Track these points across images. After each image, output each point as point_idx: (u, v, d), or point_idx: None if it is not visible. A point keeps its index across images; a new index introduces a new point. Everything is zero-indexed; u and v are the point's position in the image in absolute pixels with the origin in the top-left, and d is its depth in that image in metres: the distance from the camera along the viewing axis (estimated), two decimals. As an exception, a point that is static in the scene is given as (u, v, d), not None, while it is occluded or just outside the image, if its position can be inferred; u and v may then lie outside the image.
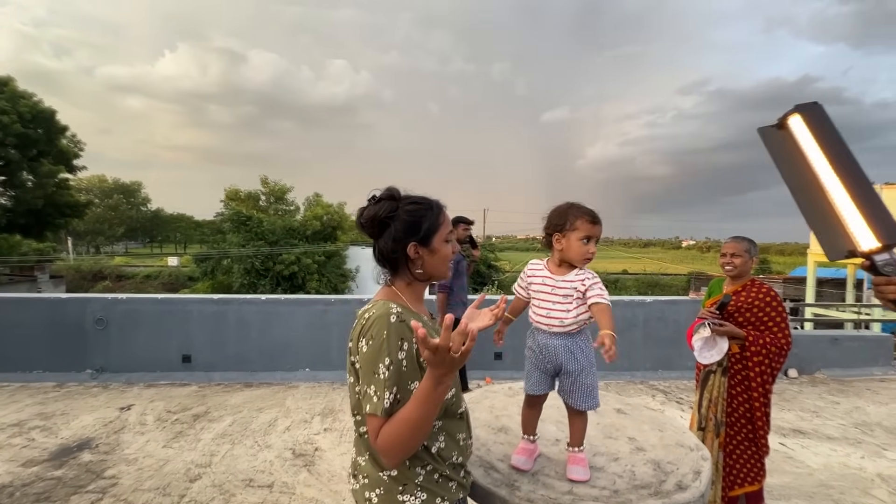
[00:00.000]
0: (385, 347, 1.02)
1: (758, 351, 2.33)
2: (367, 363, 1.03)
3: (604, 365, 5.40)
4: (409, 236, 1.12)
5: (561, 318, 1.40)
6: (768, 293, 2.41)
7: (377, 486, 1.08)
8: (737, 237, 2.58)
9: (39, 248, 33.20)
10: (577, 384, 1.42)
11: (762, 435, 2.41)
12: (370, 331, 1.05)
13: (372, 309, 1.09)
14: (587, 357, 1.42)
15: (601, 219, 1.43)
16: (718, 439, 2.48)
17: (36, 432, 3.53)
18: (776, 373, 2.41)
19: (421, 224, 1.13)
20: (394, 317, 1.05)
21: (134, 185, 69.78)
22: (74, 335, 4.81)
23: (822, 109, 1.17)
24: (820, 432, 3.81)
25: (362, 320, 1.09)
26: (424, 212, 1.15)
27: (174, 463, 3.10)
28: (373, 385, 1.01)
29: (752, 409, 2.42)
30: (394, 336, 1.03)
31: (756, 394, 2.38)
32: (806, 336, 5.63)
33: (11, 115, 17.51)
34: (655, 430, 1.73)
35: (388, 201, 1.13)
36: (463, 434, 1.20)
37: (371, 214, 1.13)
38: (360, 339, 1.06)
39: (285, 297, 5.12)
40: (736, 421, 2.47)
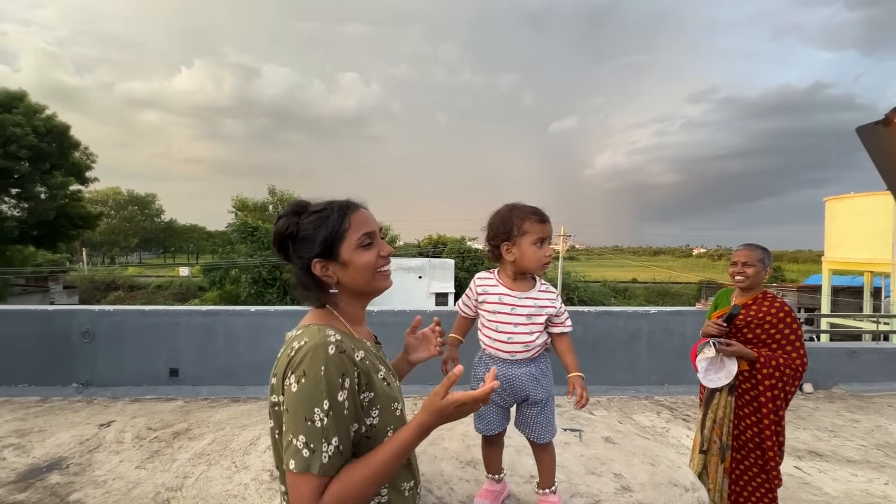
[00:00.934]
0: (323, 387, 0.83)
1: (770, 373, 2.11)
2: (297, 407, 0.84)
3: (607, 379, 5.08)
4: (308, 253, 0.96)
5: (526, 343, 1.21)
6: (782, 308, 2.19)
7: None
8: (749, 245, 2.36)
9: (54, 259, 33.74)
10: (542, 415, 1.23)
11: (774, 465, 2.18)
12: (301, 365, 0.85)
13: (303, 337, 0.90)
14: (550, 382, 1.24)
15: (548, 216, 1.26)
16: (723, 464, 2.26)
17: (9, 451, 3.40)
18: (790, 396, 2.19)
19: (315, 236, 0.95)
20: (332, 347, 0.87)
21: (148, 196, 71.00)
22: (61, 348, 4.71)
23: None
24: (839, 454, 3.53)
25: (290, 350, 0.89)
26: (322, 221, 0.96)
27: (144, 486, 2.94)
28: (303, 435, 0.82)
29: (762, 434, 2.19)
30: (333, 372, 0.85)
31: (767, 420, 2.16)
32: (822, 348, 5.33)
33: (25, 128, 17.87)
34: (647, 464, 1.53)
35: (286, 217, 0.97)
36: (409, 483, 1.01)
37: (272, 235, 0.99)
38: (289, 376, 0.86)
39: (275, 309, 4.98)
40: (743, 445, 2.24)
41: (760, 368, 2.14)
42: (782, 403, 2.14)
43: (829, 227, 14.98)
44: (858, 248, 13.89)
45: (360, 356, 0.92)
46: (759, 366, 2.15)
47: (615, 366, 5.03)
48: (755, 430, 2.21)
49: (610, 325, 5.07)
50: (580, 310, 5.18)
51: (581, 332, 5.05)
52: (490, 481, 1.31)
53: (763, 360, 2.14)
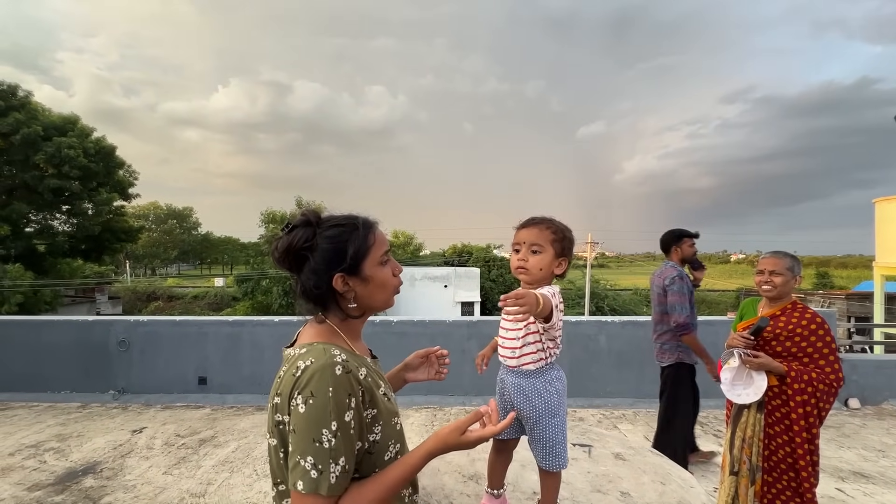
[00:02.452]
0: (331, 409, 0.83)
1: (802, 388, 1.98)
2: (305, 428, 0.84)
3: (634, 392, 4.94)
4: (332, 267, 0.94)
5: (511, 348, 1.19)
6: (813, 319, 2.06)
7: None
8: (777, 252, 2.24)
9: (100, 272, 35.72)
10: (534, 435, 1.19)
11: (808, 487, 2.04)
12: (309, 386, 0.85)
13: (308, 356, 0.88)
14: (546, 404, 1.17)
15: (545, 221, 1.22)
16: (754, 487, 2.13)
17: (49, 454, 3.60)
18: (824, 414, 2.05)
19: (345, 250, 0.95)
20: (339, 368, 0.87)
21: (186, 210, 74.36)
22: (100, 357, 4.97)
23: None
24: (887, 476, 3.28)
25: (294, 369, 0.88)
26: (348, 235, 0.96)
27: (170, 491, 3.04)
28: (311, 456, 0.82)
29: (794, 454, 2.05)
30: (341, 393, 0.85)
31: (799, 438, 2.02)
32: (870, 361, 4.98)
33: (78, 150, 19.18)
34: (657, 482, 1.47)
35: (302, 228, 0.96)
36: (407, 491, 1.02)
37: (284, 246, 0.95)
38: (295, 396, 0.85)
39: (298, 319, 5.06)
40: (775, 467, 2.11)
41: (791, 384, 2.02)
42: (816, 421, 2.01)
43: (880, 230, 14.04)
44: (904, 253, 12.98)
45: (364, 374, 0.92)
46: (790, 381, 2.02)
47: (643, 378, 4.86)
48: (787, 449, 2.08)
49: (635, 336, 4.91)
50: (603, 319, 5.05)
51: (605, 342, 4.92)
52: (489, 496, 1.29)
53: (794, 375, 2.01)
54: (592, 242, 29.99)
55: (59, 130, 19.48)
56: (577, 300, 29.73)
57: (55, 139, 18.55)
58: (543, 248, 1.19)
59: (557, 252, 1.20)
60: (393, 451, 0.96)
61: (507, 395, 1.21)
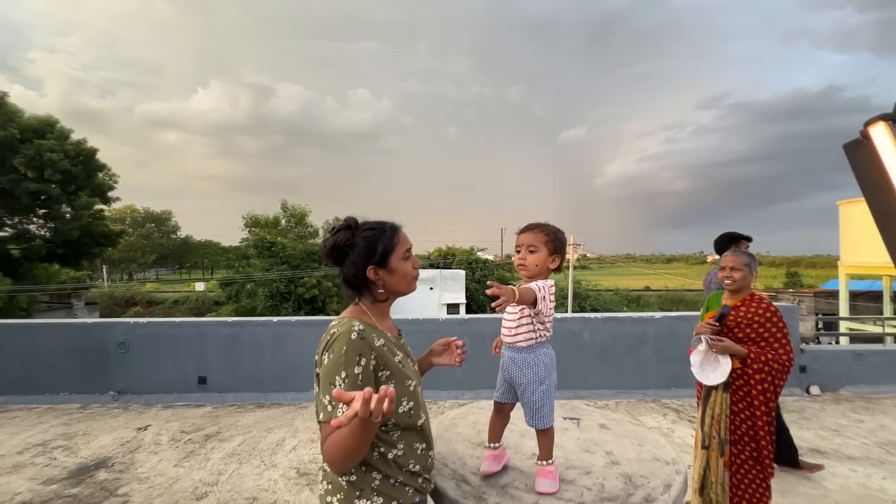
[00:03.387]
0: (342, 362, 1.10)
1: (760, 368, 2.29)
2: (325, 375, 1.12)
3: (615, 384, 5.28)
4: (366, 260, 1.22)
5: (509, 328, 1.46)
6: (768, 308, 2.38)
7: (338, 491, 1.16)
8: (736, 251, 2.57)
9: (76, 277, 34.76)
10: (524, 399, 1.46)
11: (767, 455, 2.35)
12: (332, 346, 1.14)
13: (337, 326, 1.18)
14: (534, 373, 1.44)
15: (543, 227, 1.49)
16: (723, 458, 2.42)
17: (58, 452, 3.70)
18: (779, 390, 2.36)
19: (375, 248, 1.23)
20: (354, 334, 1.14)
21: (164, 213, 72.77)
22: (99, 359, 5.04)
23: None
24: (840, 452, 3.64)
25: (327, 335, 1.18)
26: (379, 235, 1.24)
27: (183, 481, 3.21)
28: (327, 395, 1.10)
29: (755, 427, 2.36)
30: (352, 352, 1.12)
31: (759, 412, 2.33)
32: (827, 351, 5.42)
33: (58, 153, 18.78)
34: (635, 444, 1.74)
35: (344, 231, 1.24)
36: (422, 445, 1.27)
37: (331, 244, 1.24)
38: (325, 352, 1.14)
39: (296, 319, 5.26)
40: (739, 439, 2.40)
41: (751, 364, 2.32)
42: (772, 396, 2.31)
43: (844, 231, 14.83)
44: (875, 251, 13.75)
45: (381, 343, 1.19)
46: (750, 361, 2.33)
47: (623, 370, 5.19)
48: (749, 423, 2.37)
49: (617, 331, 5.24)
50: (587, 316, 5.37)
51: (588, 337, 5.23)
52: (489, 450, 1.54)
53: (753, 357, 2.32)
54: (575, 244, 30.61)
55: (36, 133, 19.05)
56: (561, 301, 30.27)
57: (34, 142, 18.13)
58: (538, 248, 1.46)
59: (550, 250, 1.47)
60: (406, 406, 1.22)
61: (506, 365, 1.48)
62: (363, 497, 1.15)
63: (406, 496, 1.20)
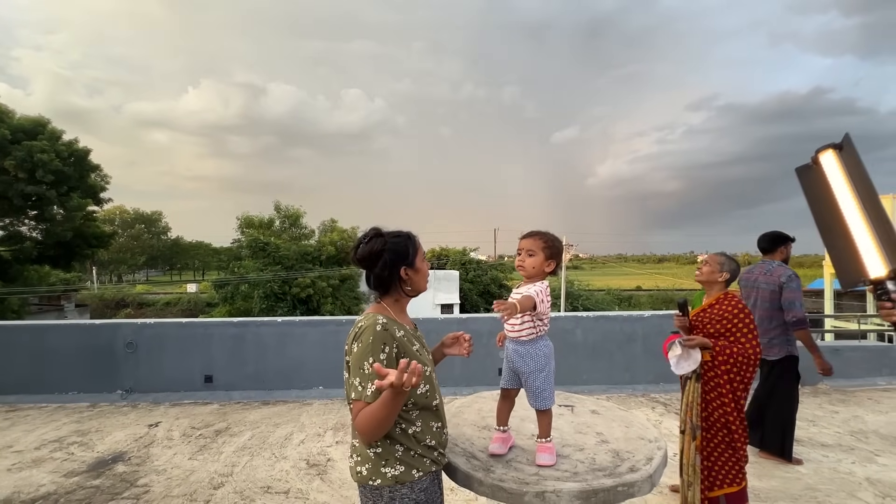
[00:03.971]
0: (370, 350, 1.33)
1: (725, 360, 2.52)
2: (355, 360, 1.34)
3: (606, 379, 5.54)
4: (401, 262, 1.45)
5: (513, 325, 1.67)
6: (736, 305, 2.62)
7: (366, 461, 1.38)
8: (718, 252, 2.82)
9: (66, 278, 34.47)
10: (527, 385, 1.68)
11: (738, 437, 2.57)
12: (361, 336, 1.36)
13: (364, 320, 1.40)
14: (536, 362, 1.66)
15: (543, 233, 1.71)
16: (695, 442, 2.66)
17: (74, 447, 3.85)
18: (746, 382, 2.57)
19: (407, 251, 1.46)
20: (379, 326, 1.36)
21: (154, 214, 72.18)
22: (107, 358, 5.18)
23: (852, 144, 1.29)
24: (815, 440, 3.91)
25: (356, 328, 1.40)
26: (406, 241, 1.47)
27: (199, 473, 3.38)
28: (358, 377, 1.32)
29: (726, 414, 2.58)
30: (378, 341, 1.34)
31: (727, 399, 2.56)
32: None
33: (50, 153, 18.68)
34: (622, 426, 1.96)
35: (377, 238, 1.45)
36: (437, 423, 1.49)
37: (367, 251, 1.43)
38: (354, 342, 1.37)
39: (300, 319, 5.44)
40: (712, 426, 2.63)
41: (717, 356, 2.56)
42: (740, 386, 2.54)
43: (827, 232, 15.32)
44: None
45: (401, 334, 1.41)
46: (716, 354, 2.56)
47: (613, 366, 5.44)
48: (721, 411, 2.59)
49: (607, 329, 5.49)
50: (579, 315, 5.61)
51: (581, 335, 5.46)
52: (498, 432, 1.75)
53: (719, 350, 2.55)
54: (567, 245, 30.99)
55: (27, 134, 18.94)
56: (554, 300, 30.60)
57: (26, 143, 18.02)
58: (535, 252, 1.68)
59: (547, 255, 1.69)
60: (423, 388, 1.43)
61: (510, 357, 1.70)
62: (388, 466, 1.36)
63: (424, 466, 1.41)
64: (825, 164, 1.34)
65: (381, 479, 1.36)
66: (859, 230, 1.22)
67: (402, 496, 1.36)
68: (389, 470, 1.36)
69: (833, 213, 1.29)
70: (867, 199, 1.21)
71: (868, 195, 1.21)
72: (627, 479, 1.52)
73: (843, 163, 1.28)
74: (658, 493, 3.04)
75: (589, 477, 1.52)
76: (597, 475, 1.54)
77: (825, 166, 1.34)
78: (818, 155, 1.37)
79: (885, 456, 3.58)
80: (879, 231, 1.18)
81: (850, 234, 1.23)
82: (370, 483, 1.37)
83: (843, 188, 1.26)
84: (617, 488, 1.49)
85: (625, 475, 1.54)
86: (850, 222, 1.24)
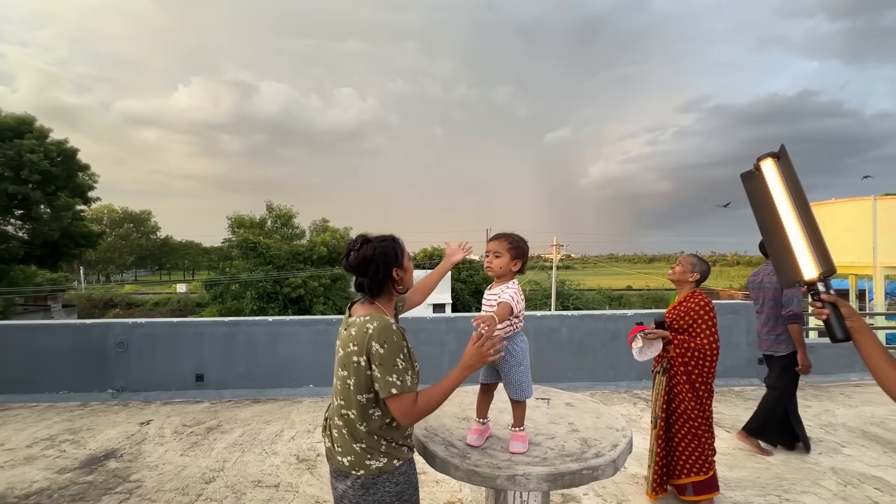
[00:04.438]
0: (398, 347, 1.43)
1: (682, 353, 2.67)
2: (387, 359, 1.40)
3: (591, 377, 5.68)
4: (392, 264, 1.53)
5: None
6: (700, 302, 2.76)
7: (350, 453, 1.48)
8: (692, 254, 2.97)
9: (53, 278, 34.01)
10: (506, 378, 1.79)
11: (699, 427, 2.70)
12: (382, 336, 1.41)
13: (373, 321, 1.44)
14: (514, 357, 1.77)
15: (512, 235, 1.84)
16: (655, 430, 2.81)
17: (66, 445, 3.91)
18: (706, 374, 2.71)
19: (396, 253, 1.55)
20: (394, 325, 1.47)
21: (143, 214, 71.37)
22: (98, 358, 5.22)
23: (787, 154, 1.40)
24: (786, 433, 4.08)
25: (366, 328, 1.43)
26: (393, 244, 1.57)
27: (191, 468, 3.46)
28: (394, 374, 1.39)
29: (686, 407, 2.73)
30: (399, 337, 1.45)
31: (684, 390, 2.71)
32: (783, 344, 5.90)
33: (38, 153, 18.46)
34: (593, 417, 2.09)
35: (367, 244, 1.52)
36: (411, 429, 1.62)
37: (359, 257, 1.50)
38: (373, 344, 1.40)
39: (290, 318, 5.52)
40: (678, 418, 2.78)
41: (675, 348, 2.71)
42: (699, 378, 2.67)
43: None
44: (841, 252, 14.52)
45: (404, 331, 1.53)
46: (674, 347, 2.71)
47: (598, 364, 5.59)
48: (685, 404, 2.73)
49: (592, 327, 5.64)
50: (564, 314, 5.75)
51: (566, 334, 5.61)
52: (477, 423, 1.87)
53: (676, 343, 2.70)
54: (558, 244, 31.24)
55: (14, 132, 18.71)
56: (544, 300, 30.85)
57: (16, 142, 17.81)
58: (502, 254, 1.80)
59: (512, 256, 1.81)
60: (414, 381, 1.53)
61: None
62: (373, 458, 1.46)
63: (403, 454, 1.53)
64: (765, 172, 1.46)
65: (365, 470, 1.45)
66: (794, 234, 1.34)
67: (384, 482, 1.47)
68: (374, 462, 1.46)
69: (772, 217, 1.41)
70: (800, 206, 1.34)
71: (801, 202, 1.34)
72: (592, 463, 1.64)
73: (780, 171, 1.41)
74: (634, 484, 3.18)
75: (557, 462, 1.64)
76: (564, 460, 1.66)
77: (765, 173, 1.46)
78: (759, 163, 1.48)
79: (850, 447, 3.76)
80: (811, 236, 1.31)
81: (787, 237, 1.36)
82: (353, 473, 1.45)
83: (781, 194, 1.39)
84: (582, 472, 1.61)
85: (590, 460, 1.66)
86: (786, 226, 1.37)
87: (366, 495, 1.46)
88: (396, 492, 1.48)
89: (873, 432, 4.07)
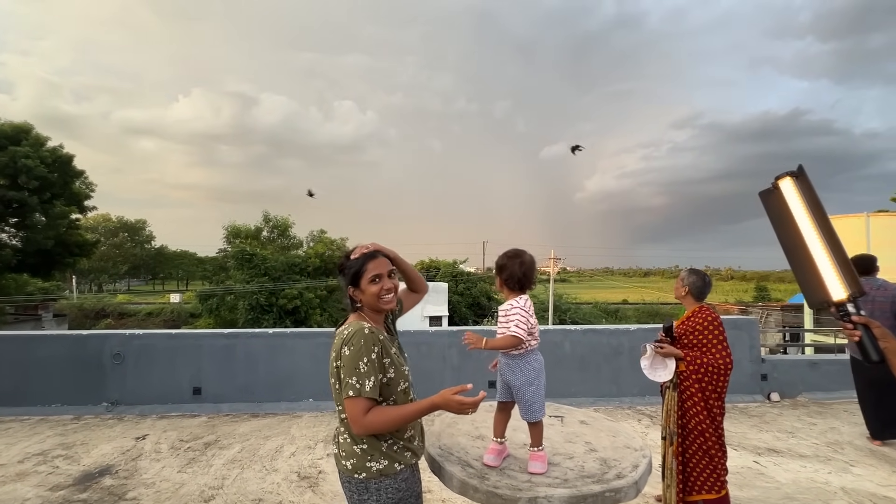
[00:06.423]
0: (363, 350, 1.44)
1: (696, 370, 2.64)
2: (350, 361, 1.43)
3: (594, 392, 5.63)
4: (346, 283, 1.59)
5: None
6: (707, 317, 2.74)
7: (352, 456, 1.48)
8: (689, 269, 2.96)
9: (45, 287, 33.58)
10: (518, 397, 1.77)
11: (712, 446, 2.65)
12: (351, 340, 1.46)
13: (349, 327, 1.50)
14: (526, 375, 1.75)
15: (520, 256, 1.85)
16: (672, 447, 2.76)
17: (59, 460, 3.79)
18: (720, 391, 2.68)
19: (353, 274, 1.57)
20: (367, 329, 1.48)
21: (139, 223, 70.94)
22: (93, 370, 5.11)
23: (805, 174, 1.41)
24: (793, 451, 4.04)
25: (342, 335, 1.49)
26: (353, 265, 1.58)
27: (189, 486, 3.36)
28: (354, 376, 1.41)
29: (700, 423, 2.68)
30: (368, 343, 1.45)
31: (698, 408, 2.67)
32: (785, 361, 5.89)
33: (34, 159, 18.37)
34: (610, 436, 2.05)
35: (341, 261, 1.63)
36: (416, 429, 1.63)
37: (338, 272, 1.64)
38: (343, 347, 1.45)
39: (290, 331, 5.45)
40: (690, 432, 2.73)
41: (688, 366, 2.67)
42: (712, 395, 2.64)
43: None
44: (834, 268, 14.71)
45: (382, 337, 1.53)
46: (687, 363, 2.68)
47: (601, 379, 5.54)
48: (697, 419, 2.69)
49: (595, 342, 5.60)
50: (567, 328, 5.72)
51: (569, 348, 5.57)
52: (495, 442, 1.82)
53: (689, 360, 2.67)
54: (555, 258, 31.28)
55: (10, 139, 18.63)
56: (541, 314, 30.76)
57: (11, 149, 17.72)
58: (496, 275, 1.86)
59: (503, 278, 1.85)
60: (403, 386, 1.55)
61: (502, 370, 1.79)
62: (373, 460, 1.47)
63: (405, 458, 1.52)
64: (784, 190, 1.46)
65: (367, 472, 1.47)
66: (819, 254, 1.33)
67: (386, 487, 1.47)
68: (374, 464, 1.47)
69: (795, 236, 1.40)
70: (823, 225, 1.34)
71: (823, 221, 1.33)
72: (615, 485, 1.60)
73: (800, 190, 1.41)
74: (643, 503, 3.12)
75: (578, 483, 1.60)
76: (586, 481, 1.62)
77: (784, 192, 1.46)
78: (778, 181, 1.48)
79: (859, 466, 3.72)
80: (837, 257, 1.30)
81: (812, 256, 1.35)
82: (356, 476, 1.47)
83: (802, 213, 1.39)
84: (605, 494, 1.57)
85: (612, 481, 1.62)
86: (810, 246, 1.36)
87: (367, 498, 1.46)
88: (398, 498, 1.48)
89: (881, 451, 4.03)
